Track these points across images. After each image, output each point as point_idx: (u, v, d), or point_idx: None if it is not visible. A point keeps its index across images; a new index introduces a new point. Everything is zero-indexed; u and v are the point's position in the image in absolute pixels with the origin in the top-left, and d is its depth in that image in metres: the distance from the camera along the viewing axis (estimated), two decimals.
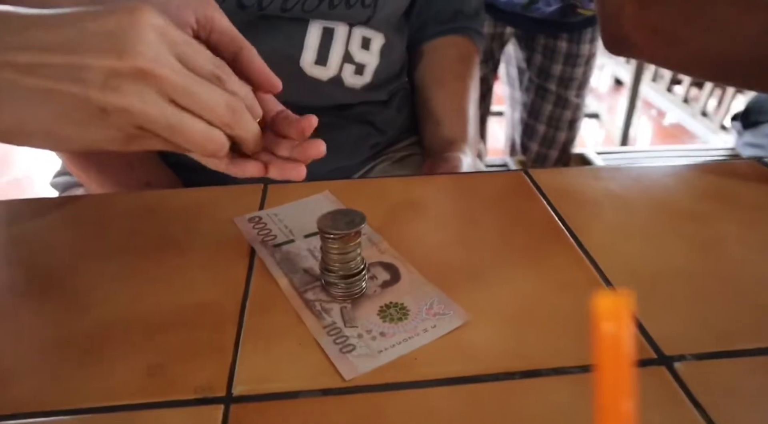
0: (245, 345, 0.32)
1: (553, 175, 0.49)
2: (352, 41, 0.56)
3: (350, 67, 0.57)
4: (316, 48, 0.54)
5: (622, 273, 0.37)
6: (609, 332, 0.11)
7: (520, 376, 0.30)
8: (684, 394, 0.29)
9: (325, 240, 0.33)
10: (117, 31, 0.26)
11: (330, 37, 0.54)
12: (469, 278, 0.37)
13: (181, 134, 0.28)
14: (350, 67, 0.57)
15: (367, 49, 0.57)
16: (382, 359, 0.30)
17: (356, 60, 0.57)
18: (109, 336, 0.32)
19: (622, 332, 0.11)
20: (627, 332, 0.11)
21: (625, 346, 0.11)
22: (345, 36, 0.55)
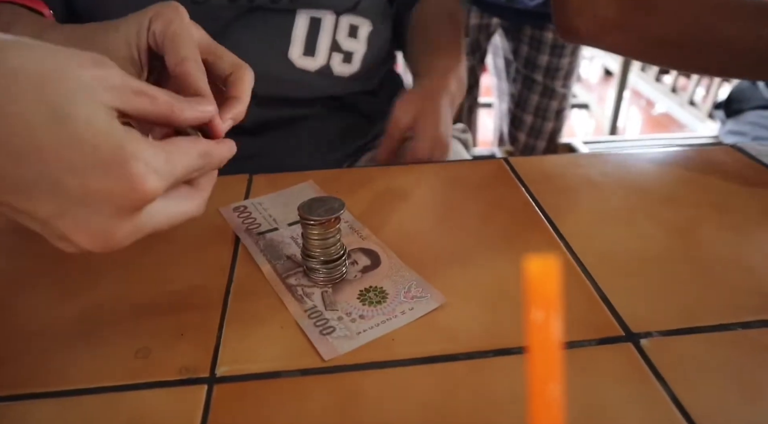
0: (229, 328, 0.33)
1: (533, 163, 0.51)
2: (339, 30, 0.56)
3: (338, 55, 0.57)
4: (304, 39, 0.55)
5: (595, 256, 0.38)
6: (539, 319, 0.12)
7: (493, 354, 0.31)
8: (649, 369, 0.30)
9: (305, 226, 0.34)
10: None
11: (317, 27, 0.55)
12: (447, 262, 0.38)
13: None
14: (338, 56, 0.57)
15: (354, 37, 0.58)
16: (360, 341, 0.32)
17: (344, 48, 0.57)
18: (97, 321, 0.33)
19: (550, 319, 0.12)
20: (555, 318, 0.12)
21: (554, 332, 0.12)
22: (332, 25, 0.56)
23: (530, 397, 0.13)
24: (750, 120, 1.07)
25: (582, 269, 0.37)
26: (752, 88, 1.11)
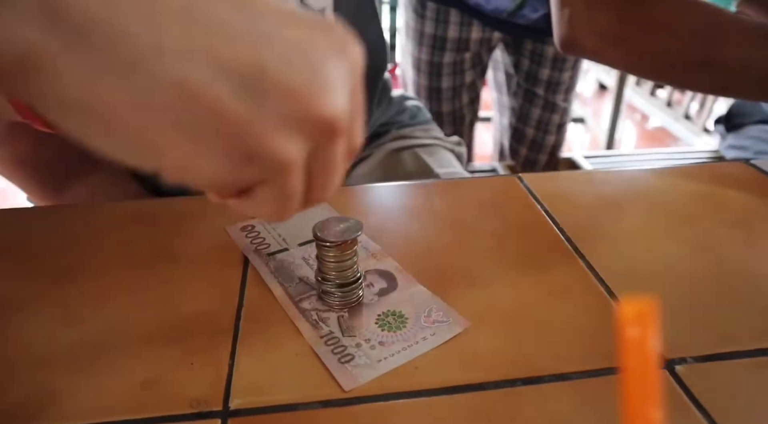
0: (241, 357, 0.31)
1: (546, 180, 0.49)
2: None
3: None
4: None
5: (619, 277, 0.37)
6: (634, 337, 0.11)
7: (521, 383, 0.29)
8: (687, 398, 0.28)
9: (321, 248, 0.33)
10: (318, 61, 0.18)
11: None
12: (466, 284, 0.36)
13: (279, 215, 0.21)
14: None
15: None
16: (381, 369, 0.30)
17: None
18: (99, 349, 0.31)
19: (647, 337, 0.11)
20: (653, 336, 0.11)
21: (651, 351, 0.11)
22: None
23: None
24: (752, 134, 1.07)
25: (607, 291, 0.36)
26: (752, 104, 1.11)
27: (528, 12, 0.96)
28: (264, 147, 0.18)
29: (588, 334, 0.32)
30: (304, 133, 0.19)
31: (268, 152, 0.18)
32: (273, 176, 0.19)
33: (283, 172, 0.19)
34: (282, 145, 0.18)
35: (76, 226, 0.43)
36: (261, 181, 0.20)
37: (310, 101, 0.18)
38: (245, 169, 0.19)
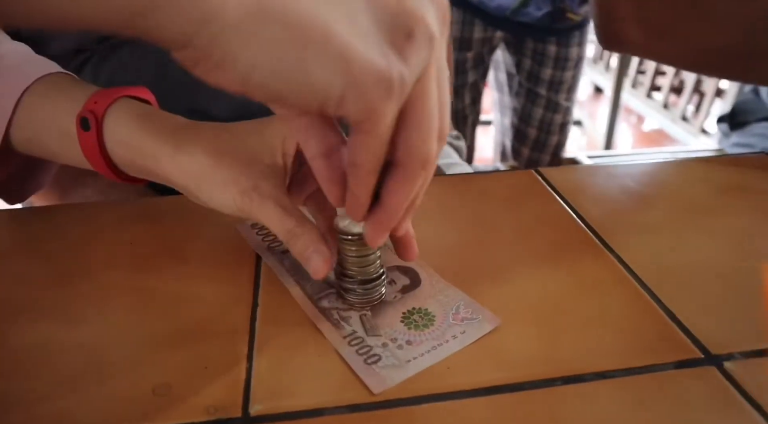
0: (259, 359, 0.29)
1: (565, 174, 0.48)
2: None
3: None
4: None
5: (651, 270, 0.35)
6: None
7: (561, 382, 0.28)
8: (741, 396, 0.27)
9: (342, 242, 0.31)
10: None
11: None
12: (493, 280, 0.35)
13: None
14: None
15: None
16: (411, 370, 0.28)
17: None
18: (105, 354, 0.29)
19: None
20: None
21: None
22: None
23: None
24: (757, 132, 1.07)
25: (640, 284, 0.34)
26: (756, 101, 1.10)
27: (532, 10, 0.95)
28: (420, 24, 0.21)
29: (627, 329, 0.31)
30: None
31: (423, 29, 0.21)
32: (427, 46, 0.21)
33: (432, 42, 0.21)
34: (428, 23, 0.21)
35: (78, 225, 0.40)
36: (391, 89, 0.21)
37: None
38: (404, 50, 0.21)
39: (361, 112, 0.21)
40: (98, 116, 0.33)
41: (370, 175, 0.24)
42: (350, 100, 0.20)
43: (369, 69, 0.20)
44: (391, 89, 0.20)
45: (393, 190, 0.25)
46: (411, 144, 0.23)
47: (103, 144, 0.33)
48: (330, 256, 0.29)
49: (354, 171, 0.24)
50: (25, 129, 0.35)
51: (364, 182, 0.24)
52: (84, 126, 0.33)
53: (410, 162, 0.23)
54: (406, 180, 0.24)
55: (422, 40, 0.21)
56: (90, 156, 0.34)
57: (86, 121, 0.33)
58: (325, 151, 0.25)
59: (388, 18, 0.20)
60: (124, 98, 0.34)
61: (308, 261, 0.29)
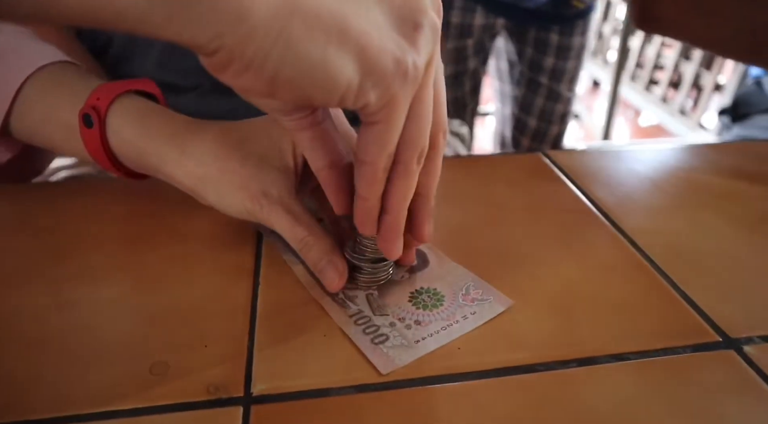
0: (261, 337, 0.28)
1: (574, 157, 0.47)
2: None
3: None
4: None
5: (665, 253, 0.34)
6: None
7: (576, 364, 0.27)
8: (759, 377, 0.26)
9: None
10: None
11: None
12: (504, 262, 0.34)
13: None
14: None
15: None
16: (420, 350, 0.27)
17: None
18: (99, 332, 0.28)
19: None
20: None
21: None
22: None
23: None
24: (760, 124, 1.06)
25: (654, 267, 0.33)
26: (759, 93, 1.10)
27: None
28: (424, 15, 0.22)
29: (643, 312, 0.30)
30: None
31: (428, 19, 0.22)
32: (432, 35, 0.22)
33: (436, 32, 0.22)
34: (430, 14, 0.22)
35: (72, 202, 0.39)
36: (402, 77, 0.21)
37: None
38: (413, 39, 0.22)
39: (381, 99, 0.21)
40: (101, 113, 0.32)
41: (381, 173, 0.24)
42: (369, 88, 0.21)
43: (385, 56, 0.21)
44: (406, 74, 0.21)
45: (394, 189, 0.25)
46: (408, 136, 0.24)
47: (106, 141, 0.33)
48: (344, 268, 0.29)
49: (364, 170, 0.24)
50: (26, 120, 0.35)
51: (374, 181, 0.24)
52: (87, 123, 0.32)
53: (407, 154, 0.24)
54: (406, 174, 0.25)
55: (428, 30, 0.22)
56: (93, 152, 0.33)
57: (89, 117, 0.32)
58: (330, 163, 0.26)
59: (396, 11, 0.21)
60: (128, 94, 0.33)
61: (322, 273, 0.30)
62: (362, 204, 0.25)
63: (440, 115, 0.25)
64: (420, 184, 0.26)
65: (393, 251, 0.27)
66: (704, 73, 1.97)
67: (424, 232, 0.28)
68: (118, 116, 0.32)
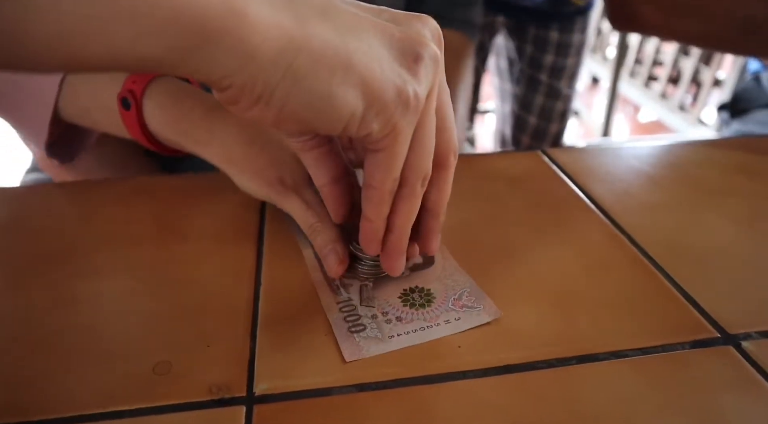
0: (263, 336, 0.28)
1: (572, 155, 0.47)
2: None
3: None
4: None
5: (663, 250, 0.35)
6: None
7: (576, 361, 0.27)
8: (757, 372, 0.26)
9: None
10: None
11: None
12: (503, 259, 0.34)
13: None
14: None
15: None
16: (391, 346, 0.27)
17: None
18: (101, 332, 0.28)
19: None
20: None
21: None
22: None
23: None
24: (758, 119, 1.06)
25: (653, 264, 0.33)
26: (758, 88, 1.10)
27: None
28: (424, 47, 0.23)
29: (640, 308, 0.30)
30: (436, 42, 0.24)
31: (428, 51, 0.23)
32: (433, 66, 0.23)
33: (437, 63, 0.23)
34: (431, 46, 0.23)
35: (74, 203, 0.39)
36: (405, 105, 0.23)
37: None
38: (414, 70, 0.23)
39: (383, 129, 0.23)
40: (137, 96, 0.35)
41: (387, 196, 0.25)
42: (372, 119, 0.22)
43: (387, 88, 0.22)
44: (408, 104, 0.22)
45: (399, 210, 0.26)
46: (412, 161, 0.25)
47: (144, 122, 0.36)
48: (345, 256, 0.31)
49: (370, 194, 0.25)
50: (72, 105, 0.38)
51: (380, 203, 0.25)
52: (125, 105, 0.36)
53: (411, 179, 0.25)
54: (410, 197, 0.26)
55: (429, 60, 0.23)
56: (132, 132, 0.37)
57: (126, 100, 0.36)
58: (332, 179, 0.28)
59: (397, 44, 0.23)
60: (161, 76, 0.37)
61: (325, 258, 0.31)
62: (368, 225, 0.26)
63: (450, 136, 0.27)
64: (431, 200, 0.28)
65: (395, 267, 0.28)
66: (703, 68, 1.97)
67: (432, 246, 0.29)
68: (152, 98, 0.36)
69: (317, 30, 0.20)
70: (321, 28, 0.21)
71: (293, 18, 0.20)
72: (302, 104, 0.21)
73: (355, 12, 0.23)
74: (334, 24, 0.21)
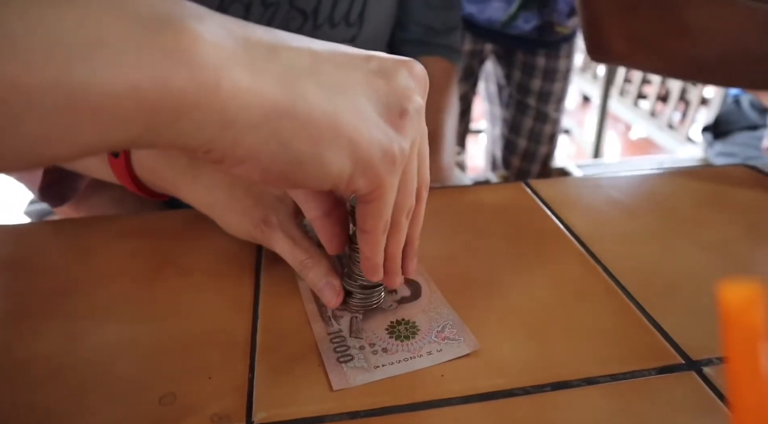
0: (261, 368, 0.30)
1: (553, 185, 0.49)
2: None
3: None
4: None
5: (636, 279, 0.37)
6: (739, 323, 0.11)
7: (550, 388, 0.29)
8: (719, 399, 0.28)
9: (352, 247, 0.32)
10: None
11: None
12: (484, 290, 0.36)
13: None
14: None
15: None
16: (376, 375, 0.29)
17: None
18: (110, 364, 0.30)
19: (754, 322, 0.11)
20: (759, 320, 0.11)
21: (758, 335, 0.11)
22: None
23: None
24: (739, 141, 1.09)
25: (625, 293, 0.36)
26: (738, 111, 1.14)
27: (521, 23, 0.98)
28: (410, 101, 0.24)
29: (612, 337, 0.32)
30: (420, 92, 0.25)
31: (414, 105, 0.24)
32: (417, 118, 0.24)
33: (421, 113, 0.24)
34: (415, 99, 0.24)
35: (79, 240, 0.41)
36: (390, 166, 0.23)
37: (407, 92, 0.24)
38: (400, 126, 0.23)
39: (370, 186, 0.23)
40: None
41: (381, 237, 0.27)
42: (359, 177, 0.23)
43: (374, 148, 0.22)
44: (393, 161, 0.23)
45: (390, 243, 0.28)
46: (398, 203, 0.26)
47: (131, 169, 0.38)
48: (340, 287, 0.33)
49: (366, 238, 0.27)
50: None
51: (376, 244, 0.27)
52: (114, 153, 0.37)
53: (398, 217, 0.27)
54: (398, 230, 0.28)
55: (413, 114, 0.24)
56: (121, 179, 0.39)
57: None
58: (323, 213, 0.30)
59: (383, 100, 0.23)
60: None
61: (320, 292, 0.33)
62: (368, 263, 0.28)
63: (423, 172, 0.28)
64: (408, 231, 0.29)
65: (395, 283, 0.31)
66: (690, 87, 2.01)
67: (410, 269, 0.32)
68: None
69: (304, 92, 0.20)
70: (307, 90, 0.20)
71: (277, 81, 0.20)
72: (289, 166, 0.21)
73: (342, 67, 0.22)
74: (321, 83, 0.21)
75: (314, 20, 0.51)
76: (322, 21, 0.51)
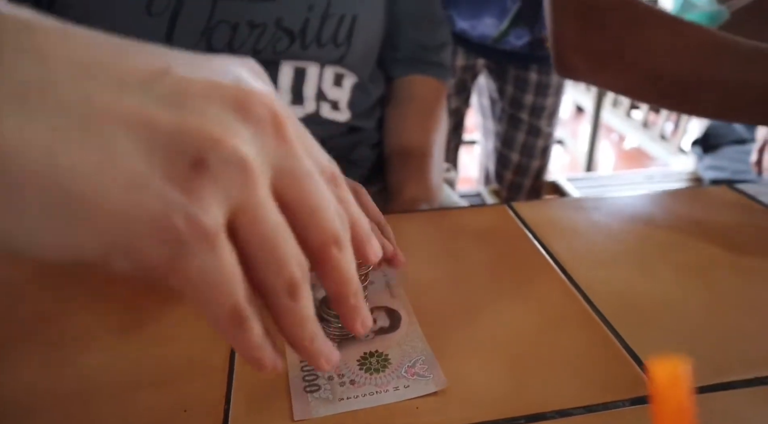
0: (236, 399, 0.30)
1: (537, 208, 0.50)
2: (324, 80, 0.54)
3: (326, 104, 0.56)
4: (290, 89, 0.53)
5: (613, 306, 0.37)
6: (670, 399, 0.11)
7: (524, 421, 0.29)
8: None
9: None
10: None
11: (302, 77, 0.53)
12: (463, 316, 0.36)
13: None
14: (326, 105, 0.56)
15: (339, 85, 0.56)
16: (339, 408, 0.29)
17: (329, 97, 0.56)
18: (86, 396, 0.30)
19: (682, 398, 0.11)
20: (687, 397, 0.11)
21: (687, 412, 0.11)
22: (317, 75, 0.54)
23: None
24: (728, 155, 1.10)
25: (603, 321, 0.36)
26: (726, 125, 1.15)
27: (512, 39, 0.99)
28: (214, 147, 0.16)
29: (588, 366, 0.32)
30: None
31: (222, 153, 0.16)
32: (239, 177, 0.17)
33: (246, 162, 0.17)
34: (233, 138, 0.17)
35: (50, 268, 0.41)
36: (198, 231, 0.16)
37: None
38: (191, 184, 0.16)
39: (149, 272, 0.16)
40: None
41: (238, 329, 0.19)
42: (123, 261, 0.16)
43: (133, 221, 0.15)
44: (178, 239, 0.16)
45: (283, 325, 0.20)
46: (268, 279, 0.19)
47: None
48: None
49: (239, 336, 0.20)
50: None
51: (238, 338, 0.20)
52: None
53: (272, 296, 0.19)
54: (288, 311, 0.20)
55: (222, 168, 0.16)
56: None
57: None
58: None
59: (162, 143, 0.16)
60: None
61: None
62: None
63: (324, 226, 0.20)
64: (332, 292, 0.22)
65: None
66: None
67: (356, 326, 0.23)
68: None
69: (14, 131, 0.14)
70: (21, 128, 0.14)
71: None
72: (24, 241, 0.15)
73: (99, 87, 0.15)
74: (50, 118, 0.14)
75: (302, 41, 0.51)
76: (310, 41, 0.52)
